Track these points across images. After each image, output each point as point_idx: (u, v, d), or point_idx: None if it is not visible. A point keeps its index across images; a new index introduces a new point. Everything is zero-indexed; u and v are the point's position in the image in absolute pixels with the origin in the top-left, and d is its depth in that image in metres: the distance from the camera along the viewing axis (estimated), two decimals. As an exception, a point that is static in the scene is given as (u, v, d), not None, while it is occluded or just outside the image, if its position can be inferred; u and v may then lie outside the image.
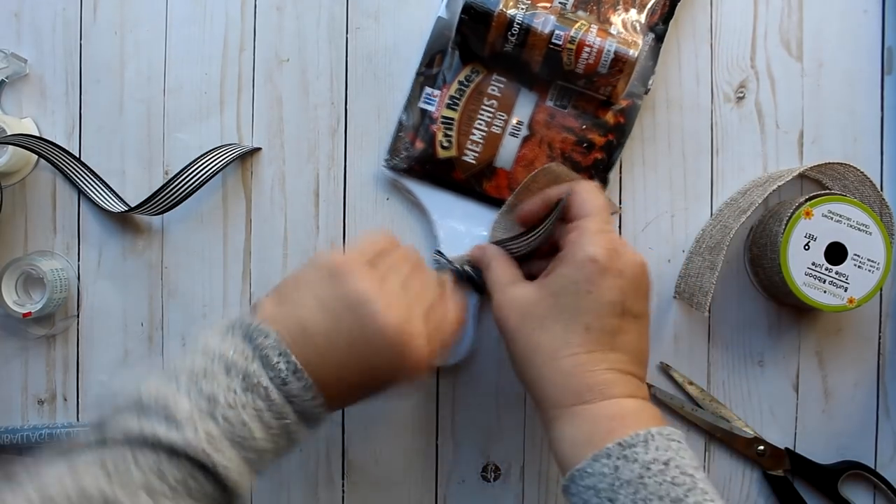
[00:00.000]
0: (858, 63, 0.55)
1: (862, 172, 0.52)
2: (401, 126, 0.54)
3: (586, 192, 0.45)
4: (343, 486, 0.55)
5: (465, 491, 0.55)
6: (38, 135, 0.55)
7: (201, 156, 0.54)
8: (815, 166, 0.53)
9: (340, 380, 0.39)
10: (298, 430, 0.38)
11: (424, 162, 0.53)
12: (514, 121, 0.53)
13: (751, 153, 0.55)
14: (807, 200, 0.50)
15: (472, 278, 0.51)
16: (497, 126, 0.53)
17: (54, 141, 0.54)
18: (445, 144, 0.53)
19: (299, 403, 0.37)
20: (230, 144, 0.55)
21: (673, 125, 0.55)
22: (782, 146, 0.55)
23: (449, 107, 0.53)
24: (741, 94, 0.55)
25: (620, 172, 0.55)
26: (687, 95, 0.55)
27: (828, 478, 0.54)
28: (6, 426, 0.55)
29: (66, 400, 0.56)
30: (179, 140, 0.56)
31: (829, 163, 0.52)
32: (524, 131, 0.53)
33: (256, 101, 0.56)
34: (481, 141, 0.53)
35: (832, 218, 0.49)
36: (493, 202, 0.54)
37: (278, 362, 0.37)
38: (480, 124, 0.53)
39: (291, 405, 0.37)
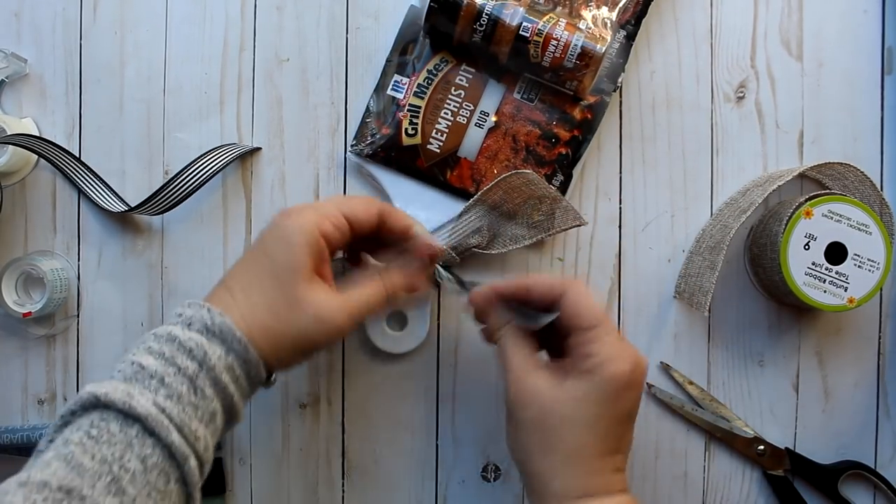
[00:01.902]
0: (858, 63, 0.55)
1: (862, 172, 0.52)
2: (368, 112, 0.54)
3: (584, 298, 0.44)
4: (343, 486, 0.55)
5: (465, 491, 0.55)
6: (38, 135, 0.55)
7: (201, 156, 0.54)
8: (815, 166, 0.53)
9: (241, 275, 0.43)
10: (208, 345, 0.40)
11: (389, 148, 0.54)
12: (479, 111, 0.53)
13: (751, 153, 0.55)
14: (807, 200, 0.50)
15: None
16: (463, 116, 0.53)
17: (54, 141, 0.54)
18: (411, 132, 0.53)
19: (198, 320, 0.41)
20: (230, 144, 0.55)
21: (673, 125, 0.55)
22: (782, 146, 0.55)
23: (416, 95, 0.54)
24: (741, 94, 0.55)
25: (620, 172, 0.55)
26: (687, 95, 0.55)
27: (828, 478, 0.54)
28: (6, 426, 0.55)
29: (66, 400, 0.56)
30: (179, 140, 0.56)
31: (829, 163, 0.52)
32: (490, 122, 0.54)
33: (256, 101, 0.56)
34: (446, 130, 0.53)
35: (832, 218, 0.49)
36: (456, 191, 0.54)
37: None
38: (446, 113, 0.53)
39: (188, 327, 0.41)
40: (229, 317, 0.41)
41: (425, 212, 0.54)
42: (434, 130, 0.54)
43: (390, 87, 0.54)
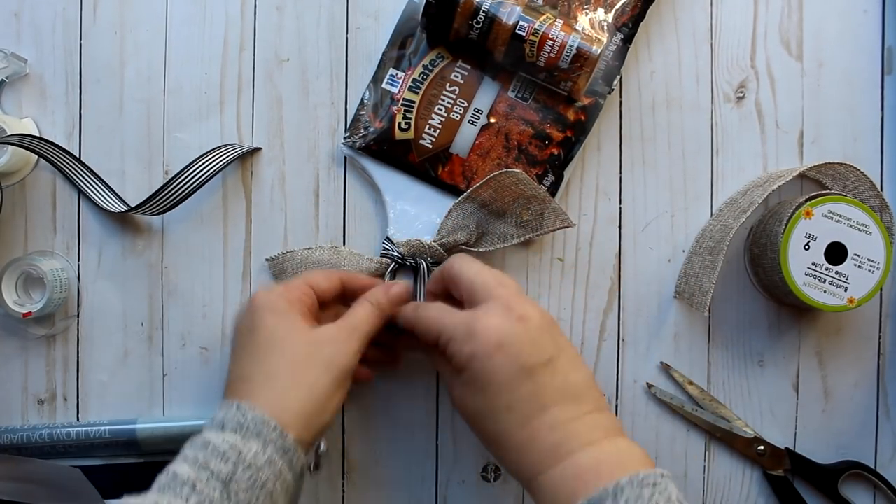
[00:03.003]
0: (858, 63, 0.55)
1: (862, 172, 0.52)
2: (362, 104, 0.55)
3: (426, 318, 0.45)
4: (343, 486, 0.55)
5: (465, 491, 0.55)
6: (38, 135, 0.55)
7: (201, 156, 0.54)
8: (815, 166, 0.53)
9: (270, 375, 0.43)
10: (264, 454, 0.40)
11: (382, 142, 0.54)
12: (473, 108, 0.53)
13: (751, 153, 0.55)
14: (807, 200, 0.50)
15: (413, 267, 0.52)
16: (456, 112, 0.54)
17: (54, 141, 0.54)
18: (404, 126, 0.53)
19: (254, 428, 0.40)
20: (230, 144, 0.55)
21: (673, 125, 0.55)
22: (782, 146, 0.55)
23: (411, 89, 0.54)
24: (741, 94, 0.55)
25: (620, 172, 0.55)
26: (687, 95, 0.55)
27: (828, 478, 0.54)
28: (6, 426, 0.55)
29: (66, 400, 0.56)
30: (179, 140, 0.56)
31: (829, 163, 0.52)
32: (483, 120, 0.54)
33: (256, 101, 0.56)
34: (439, 126, 0.54)
35: (832, 218, 0.49)
36: (447, 188, 0.54)
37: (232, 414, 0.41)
38: (440, 109, 0.54)
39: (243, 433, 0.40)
40: (260, 408, 0.41)
41: (415, 206, 0.54)
42: (427, 126, 0.54)
43: (386, 80, 0.54)
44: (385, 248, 0.53)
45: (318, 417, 0.42)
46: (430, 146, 0.54)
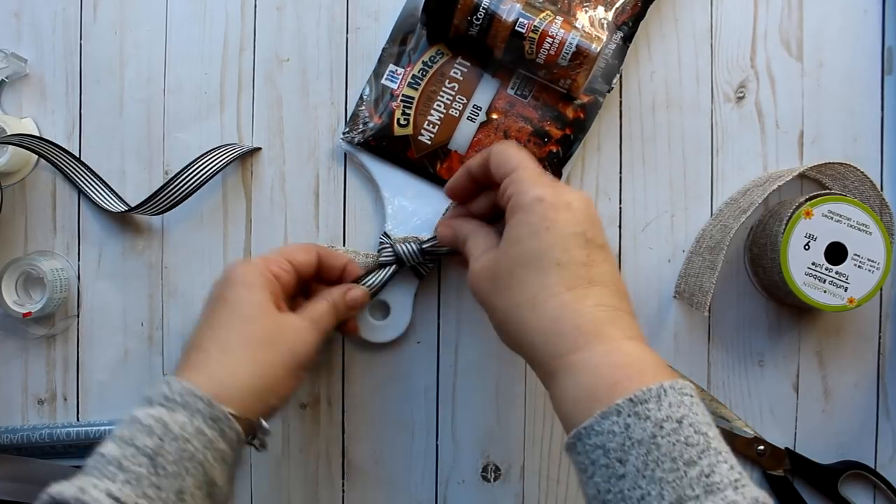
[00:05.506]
0: (858, 63, 0.55)
1: (862, 172, 0.52)
2: (362, 100, 0.55)
3: (504, 150, 0.44)
4: (343, 486, 0.55)
5: (465, 491, 0.55)
6: (38, 135, 0.55)
7: (201, 156, 0.54)
8: (815, 166, 0.53)
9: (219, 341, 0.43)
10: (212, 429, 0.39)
11: (381, 138, 0.54)
12: (472, 105, 0.54)
13: (751, 153, 0.55)
14: (807, 200, 0.50)
15: (413, 265, 0.52)
16: (455, 109, 0.54)
17: (54, 141, 0.54)
18: (403, 122, 0.53)
19: (192, 405, 0.39)
20: (230, 144, 0.55)
21: (673, 125, 0.55)
22: (782, 146, 0.55)
23: (410, 86, 0.54)
24: (741, 94, 0.55)
25: (620, 172, 0.55)
26: (687, 95, 0.55)
27: (828, 478, 0.54)
28: (6, 426, 0.55)
29: (66, 400, 0.56)
30: (179, 140, 0.56)
31: (829, 163, 0.52)
32: (482, 117, 0.54)
33: (256, 101, 0.56)
34: (438, 122, 0.54)
35: (832, 218, 0.49)
36: (444, 184, 0.54)
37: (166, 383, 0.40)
38: (439, 106, 0.54)
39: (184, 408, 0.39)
40: (190, 381, 0.40)
41: (413, 203, 0.54)
42: (426, 122, 0.54)
43: (385, 76, 0.54)
44: (382, 244, 0.53)
45: (266, 398, 0.42)
46: (429, 142, 0.54)
